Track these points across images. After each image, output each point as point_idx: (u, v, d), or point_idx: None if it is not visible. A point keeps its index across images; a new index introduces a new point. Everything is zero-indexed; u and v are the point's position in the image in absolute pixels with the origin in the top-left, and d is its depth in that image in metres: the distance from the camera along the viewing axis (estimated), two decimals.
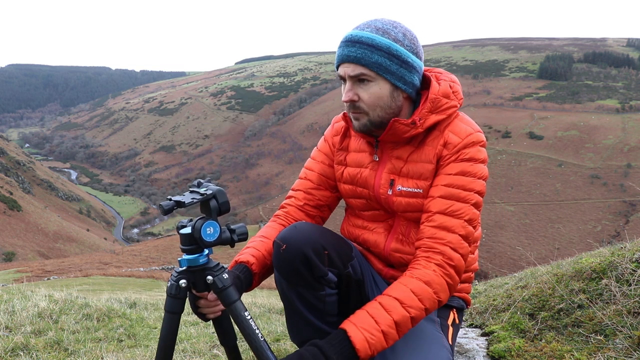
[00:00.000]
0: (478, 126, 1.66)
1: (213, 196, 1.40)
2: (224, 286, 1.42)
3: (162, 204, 1.32)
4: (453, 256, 1.52)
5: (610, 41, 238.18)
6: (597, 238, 62.92)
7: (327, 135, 1.92)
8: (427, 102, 1.61)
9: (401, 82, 1.58)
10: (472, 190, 1.57)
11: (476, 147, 1.60)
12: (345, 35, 1.60)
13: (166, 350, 1.46)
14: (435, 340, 1.58)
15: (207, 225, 1.37)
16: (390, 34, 1.56)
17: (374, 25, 1.58)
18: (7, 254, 47.86)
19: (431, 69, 1.73)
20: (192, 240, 1.39)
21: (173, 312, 1.45)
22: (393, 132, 1.61)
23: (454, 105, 1.63)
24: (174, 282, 1.43)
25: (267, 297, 5.23)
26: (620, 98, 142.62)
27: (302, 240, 1.57)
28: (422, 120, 1.60)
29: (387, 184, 1.69)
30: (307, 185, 1.86)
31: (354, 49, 1.55)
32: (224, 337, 1.58)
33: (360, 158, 1.77)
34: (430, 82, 1.64)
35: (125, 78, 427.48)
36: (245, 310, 1.44)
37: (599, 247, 3.05)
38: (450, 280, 1.51)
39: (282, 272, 1.62)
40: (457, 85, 1.66)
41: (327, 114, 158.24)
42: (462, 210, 1.55)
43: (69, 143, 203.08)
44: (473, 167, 1.58)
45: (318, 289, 1.61)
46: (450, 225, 1.54)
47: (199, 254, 1.42)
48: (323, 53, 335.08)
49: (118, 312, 3.19)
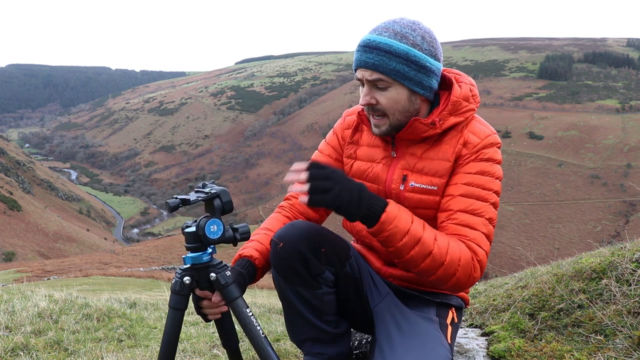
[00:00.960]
0: (493, 128, 1.69)
1: (217, 195, 1.44)
2: (226, 283, 1.46)
3: (168, 202, 1.36)
4: (478, 251, 1.50)
5: (610, 41, 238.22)
6: (597, 238, 62.91)
7: (336, 129, 1.90)
8: (448, 105, 1.61)
9: (419, 87, 1.58)
10: (491, 190, 1.58)
11: (494, 148, 1.62)
12: (363, 38, 1.59)
13: (170, 346, 1.50)
14: (434, 339, 1.56)
15: (211, 223, 1.41)
16: (409, 39, 1.54)
17: (392, 29, 1.56)
18: (7, 254, 47.87)
19: (449, 69, 1.72)
20: (197, 238, 1.43)
21: (177, 309, 1.49)
22: (412, 131, 1.62)
23: (473, 108, 1.65)
24: (178, 279, 1.47)
25: (267, 297, 5.23)
26: (620, 98, 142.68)
27: (299, 238, 1.57)
28: (441, 122, 1.61)
29: (399, 180, 1.68)
30: None
31: (371, 55, 1.54)
32: (226, 340, 1.60)
33: (372, 153, 1.76)
34: (452, 85, 1.65)
35: (125, 78, 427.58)
36: (246, 307, 1.48)
37: (599, 247, 3.05)
38: (474, 272, 1.50)
39: (279, 271, 1.62)
40: (475, 89, 1.68)
41: (327, 114, 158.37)
42: (483, 209, 1.55)
43: (69, 143, 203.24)
44: (492, 167, 1.60)
45: (315, 287, 1.61)
46: (472, 222, 1.54)
47: (202, 252, 1.46)
48: (323, 53, 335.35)
49: (118, 312, 3.19)
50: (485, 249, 1.53)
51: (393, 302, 1.70)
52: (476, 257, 1.50)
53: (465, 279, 1.49)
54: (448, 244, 1.47)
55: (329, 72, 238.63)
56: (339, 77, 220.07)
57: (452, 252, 1.46)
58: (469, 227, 1.53)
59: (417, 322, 1.63)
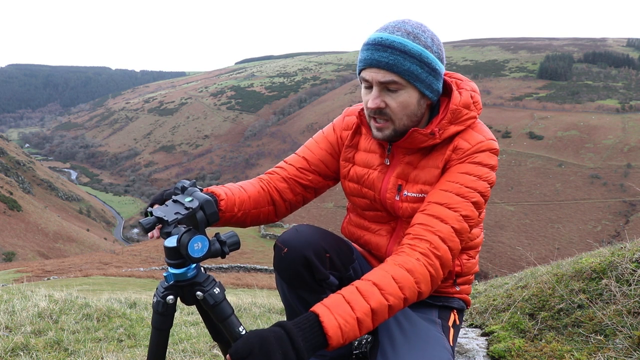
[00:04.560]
0: (492, 134, 1.61)
1: (200, 207, 1.27)
2: (215, 302, 1.31)
3: (142, 222, 1.22)
4: (440, 246, 1.43)
5: (610, 41, 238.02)
6: (597, 238, 62.89)
7: (336, 125, 1.84)
8: (448, 113, 1.55)
9: (429, 90, 1.53)
10: (475, 189, 1.50)
11: (486, 153, 1.55)
12: (372, 37, 1.50)
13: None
14: (436, 342, 1.54)
15: (194, 241, 1.23)
16: (421, 40, 1.49)
17: (404, 28, 1.49)
18: (7, 254, 47.85)
19: (451, 73, 1.67)
20: (178, 254, 1.26)
21: (161, 329, 1.37)
22: (411, 141, 1.57)
23: (474, 116, 1.59)
24: (161, 299, 1.32)
25: (267, 297, 5.23)
26: (620, 98, 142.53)
27: (304, 243, 1.54)
28: (441, 131, 1.55)
29: (394, 189, 1.65)
30: (301, 164, 1.78)
31: (385, 54, 1.46)
32: (216, 334, 1.51)
33: (369, 158, 1.72)
34: (452, 91, 1.59)
35: (125, 78, 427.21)
36: (239, 325, 1.34)
37: (599, 247, 3.05)
38: (434, 272, 1.42)
39: (283, 276, 1.59)
40: (477, 95, 1.61)
41: (327, 114, 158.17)
42: (459, 205, 1.48)
43: (69, 143, 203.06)
44: (479, 169, 1.53)
45: (320, 292, 1.58)
46: (444, 216, 1.47)
47: (186, 267, 1.29)
48: (323, 53, 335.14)
49: (118, 312, 3.19)
50: (450, 244, 1.45)
51: None
52: (435, 253, 1.42)
53: (426, 286, 1.41)
54: (393, 280, 1.35)
55: (329, 72, 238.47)
56: (339, 77, 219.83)
57: (403, 282, 1.36)
58: (439, 219, 1.46)
59: (419, 323, 1.60)
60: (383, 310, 1.32)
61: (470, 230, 1.51)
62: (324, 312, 1.26)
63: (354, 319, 1.27)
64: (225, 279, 20.27)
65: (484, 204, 1.56)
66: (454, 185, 1.51)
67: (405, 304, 1.37)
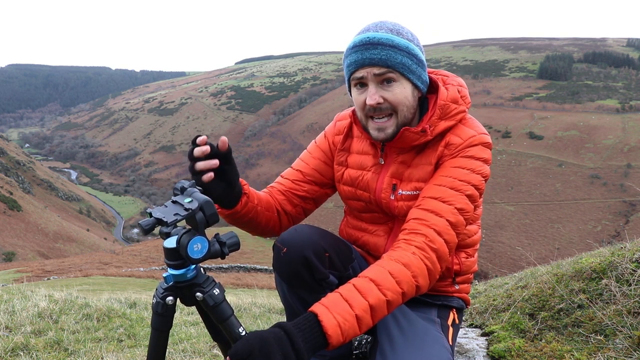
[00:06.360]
0: (484, 128, 1.64)
1: (200, 208, 1.25)
2: (215, 303, 1.31)
3: (141, 224, 1.21)
4: (436, 239, 1.45)
5: (610, 41, 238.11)
6: (597, 238, 62.85)
7: (327, 132, 1.87)
8: (436, 109, 1.59)
9: (420, 81, 1.58)
10: (468, 182, 1.53)
11: (479, 147, 1.58)
12: (358, 38, 1.54)
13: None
14: (436, 341, 1.54)
15: (194, 242, 1.22)
16: (404, 34, 1.55)
17: (385, 27, 1.55)
18: (7, 254, 47.87)
19: (436, 71, 1.71)
20: (178, 255, 1.26)
21: (161, 330, 1.37)
22: (403, 140, 1.60)
23: (463, 110, 1.62)
24: (160, 300, 1.32)
25: (267, 297, 5.24)
26: (620, 98, 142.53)
27: (303, 242, 1.54)
28: (432, 128, 1.58)
29: (389, 188, 1.66)
30: (296, 177, 1.82)
31: (376, 51, 1.51)
32: (216, 334, 1.50)
33: (362, 160, 1.74)
34: (438, 87, 1.63)
35: (125, 78, 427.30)
36: (239, 326, 1.33)
37: (599, 247, 3.05)
38: (431, 265, 1.42)
39: (283, 275, 1.60)
40: (464, 90, 1.65)
41: (327, 114, 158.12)
42: (454, 198, 1.50)
43: (69, 143, 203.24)
44: (472, 162, 1.56)
45: (319, 292, 1.56)
46: (439, 209, 1.48)
47: (186, 268, 1.29)
48: (323, 53, 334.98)
49: (118, 312, 3.19)
50: (446, 237, 1.46)
51: None
52: (431, 247, 1.43)
53: (424, 280, 1.42)
54: (390, 275, 1.36)
55: (329, 72, 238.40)
56: (339, 77, 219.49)
57: (400, 277, 1.36)
58: (434, 213, 1.48)
59: (419, 323, 1.60)
60: (382, 306, 1.32)
61: (466, 224, 1.53)
62: (322, 311, 1.26)
63: (352, 316, 1.27)
64: (225, 279, 20.27)
65: (479, 197, 1.58)
66: (447, 179, 1.53)
67: (404, 298, 1.38)
